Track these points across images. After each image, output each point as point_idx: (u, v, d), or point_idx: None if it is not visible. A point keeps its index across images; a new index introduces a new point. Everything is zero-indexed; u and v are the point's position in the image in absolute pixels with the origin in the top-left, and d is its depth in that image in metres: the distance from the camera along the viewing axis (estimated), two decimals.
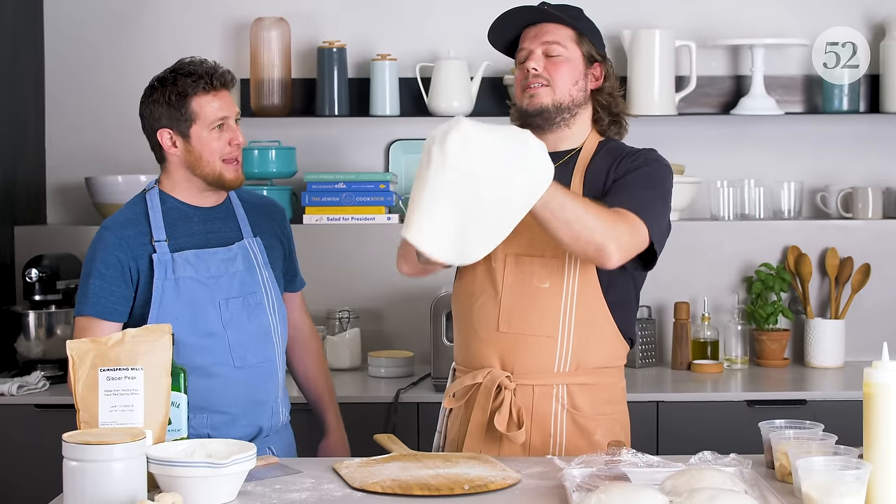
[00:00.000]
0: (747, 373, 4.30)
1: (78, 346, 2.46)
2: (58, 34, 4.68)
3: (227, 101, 3.04)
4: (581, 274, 2.83)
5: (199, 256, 3.01)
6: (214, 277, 3.01)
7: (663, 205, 2.81)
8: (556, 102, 2.87)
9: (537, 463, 2.67)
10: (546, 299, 2.83)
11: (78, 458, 2.22)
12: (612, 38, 4.56)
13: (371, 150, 4.68)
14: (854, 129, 4.64)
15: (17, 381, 3.94)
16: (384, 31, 4.66)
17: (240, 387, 3.00)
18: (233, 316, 3.01)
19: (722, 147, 4.66)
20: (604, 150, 2.92)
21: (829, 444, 2.46)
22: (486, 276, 2.89)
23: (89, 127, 4.69)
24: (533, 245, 2.84)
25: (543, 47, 2.88)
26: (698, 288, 4.48)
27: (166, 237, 3.00)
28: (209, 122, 3.00)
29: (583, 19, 2.95)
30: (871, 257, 4.47)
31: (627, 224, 2.67)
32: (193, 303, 2.98)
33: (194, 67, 3.02)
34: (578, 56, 2.89)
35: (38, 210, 4.66)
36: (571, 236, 2.60)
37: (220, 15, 4.67)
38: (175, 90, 2.99)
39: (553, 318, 2.83)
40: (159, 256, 2.98)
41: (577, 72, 2.89)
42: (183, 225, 3.04)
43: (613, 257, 2.64)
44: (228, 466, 2.30)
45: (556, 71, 2.86)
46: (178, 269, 2.98)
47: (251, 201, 3.19)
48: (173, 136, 3.02)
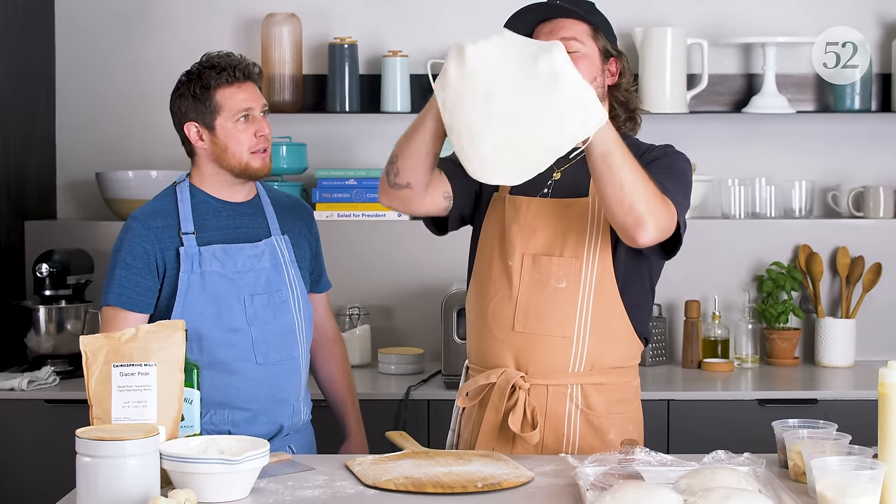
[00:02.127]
0: (758, 371, 4.30)
1: (91, 341, 2.45)
2: (68, 30, 4.68)
3: (252, 93, 3.04)
4: (598, 274, 2.82)
5: (227, 251, 3.01)
6: (241, 273, 3.01)
7: (685, 195, 2.79)
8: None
9: (550, 461, 2.66)
10: (563, 299, 2.82)
11: (91, 454, 2.22)
12: (623, 36, 4.55)
13: (382, 146, 4.62)
14: (866, 128, 4.63)
15: (28, 376, 3.95)
16: (395, 28, 4.66)
17: (261, 384, 3.00)
18: (257, 312, 3.01)
19: (733, 145, 4.66)
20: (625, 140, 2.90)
21: (843, 444, 2.45)
22: (503, 276, 2.88)
23: (99, 122, 4.69)
24: (551, 245, 2.83)
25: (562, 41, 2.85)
26: (709, 286, 4.47)
27: (194, 230, 3.01)
28: (233, 113, 3.00)
29: (596, 13, 2.92)
30: (883, 256, 4.46)
31: (667, 206, 2.64)
32: (218, 297, 2.98)
33: (218, 60, 3.04)
34: (595, 52, 2.86)
35: (48, 205, 4.66)
36: (619, 197, 2.56)
37: (231, 11, 4.67)
38: (199, 83, 3.01)
39: (569, 318, 2.82)
40: (186, 249, 2.98)
41: (595, 68, 2.86)
42: (212, 219, 3.04)
43: (649, 234, 2.60)
44: (241, 463, 2.29)
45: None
46: (204, 263, 2.98)
47: (280, 200, 3.20)
48: (199, 129, 3.03)
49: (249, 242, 3.05)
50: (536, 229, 2.84)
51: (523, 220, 2.85)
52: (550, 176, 2.88)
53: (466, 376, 3.02)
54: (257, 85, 3.08)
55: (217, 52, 3.08)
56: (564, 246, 2.82)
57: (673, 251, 2.78)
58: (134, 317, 2.98)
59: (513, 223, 2.86)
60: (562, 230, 2.83)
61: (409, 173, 2.77)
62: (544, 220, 2.83)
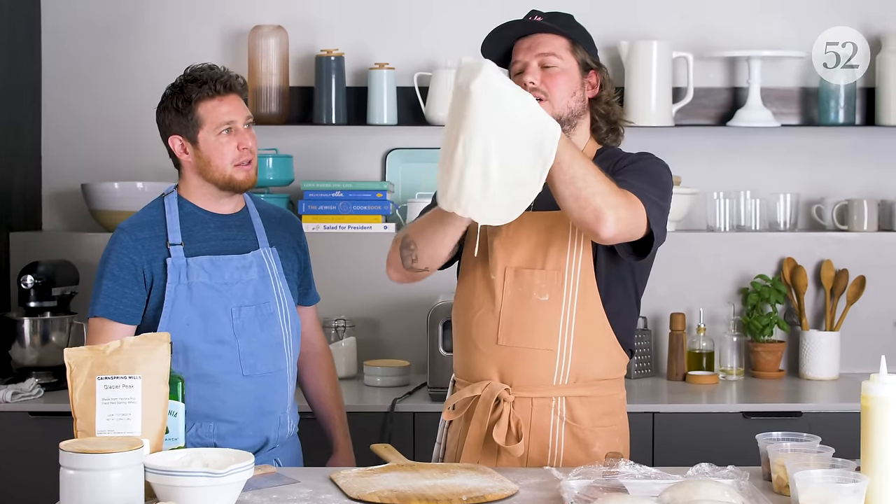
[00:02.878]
0: (742, 384, 4.31)
1: (76, 353, 2.45)
2: (55, 40, 4.68)
3: (235, 106, 3.04)
4: (581, 286, 2.82)
5: (214, 262, 3.02)
6: (228, 284, 3.02)
7: (662, 196, 2.77)
8: (555, 115, 2.80)
9: (535, 474, 2.66)
10: (545, 312, 2.83)
11: (75, 467, 2.22)
12: (609, 49, 4.57)
13: (368, 158, 4.68)
14: (850, 142, 4.65)
15: (12, 388, 3.93)
16: (382, 40, 4.66)
17: (248, 396, 3.00)
18: (245, 324, 3.01)
19: (718, 158, 4.67)
20: (602, 156, 2.91)
21: (826, 457, 2.46)
22: (486, 289, 2.88)
23: (86, 133, 4.68)
24: (533, 258, 2.84)
25: (539, 59, 2.85)
26: (694, 299, 4.48)
27: (182, 241, 3.01)
28: (215, 126, 3.01)
29: (574, 26, 2.92)
30: (867, 269, 4.48)
31: (629, 200, 2.64)
32: (205, 309, 2.98)
33: (200, 73, 3.04)
34: (574, 66, 2.87)
35: (33, 216, 4.65)
36: (574, 193, 2.57)
37: (218, 23, 4.67)
38: (182, 96, 3.02)
39: (552, 331, 2.82)
40: (174, 260, 2.99)
41: (575, 82, 2.86)
42: (199, 230, 3.05)
43: (610, 227, 2.59)
44: (226, 476, 2.29)
45: (553, 83, 2.83)
46: (191, 274, 2.99)
47: (269, 212, 3.21)
48: (183, 142, 3.04)
49: (238, 254, 3.06)
50: (518, 242, 2.84)
51: (505, 233, 2.85)
52: None
53: (453, 389, 3.02)
54: (241, 97, 3.08)
55: (200, 64, 3.08)
56: (546, 259, 2.83)
57: (646, 251, 2.77)
58: (121, 328, 2.98)
59: (495, 237, 2.87)
60: (543, 243, 2.83)
61: (429, 261, 2.84)
62: (526, 234, 2.84)
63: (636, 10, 4.65)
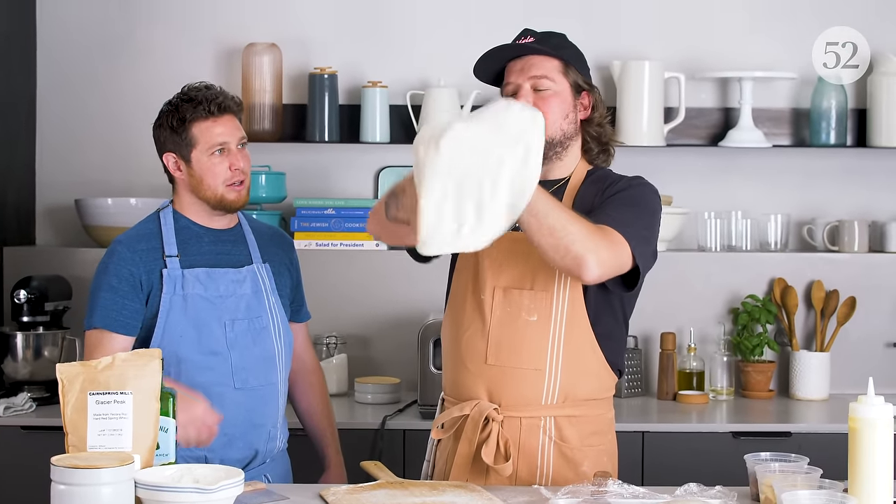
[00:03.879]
0: (732, 404, 4.31)
1: (68, 369, 2.45)
2: (50, 57, 4.69)
3: (229, 126, 3.06)
4: (569, 307, 2.83)
5: (210, 275, 3.04)
6: (223, 297, 3.03)
7: (647, 225, 2.78)
8: (548, 138, 2.81)
9: (524, 492, 2.67)
10: (534, 332, 2.83)
11: (66, 482, 2.22)
12: (601, 69, 4.59)
13: (360, 176, 4.70)
14: (841, 163, 4.67)
15: (4, 403, 3.94)
16: (375, 59, 4.68)
17: (239, 408, 3.01)
18: (238, 337, 3.03)
19: (709, 178, 4.69)
20: (592, 177, 2.92)
21: (814, 478, 2.47)
22: (475, 309, 2.89)
23: (80, 149, 4.69)
24: (521, 278, 2.85)
25: (531, 81, 2.84)
26: (684, 318, 4.49)
27: (178, 253, 3.03)
28: (208, 147, 3.03)
29: (567, 46, 2.92)
30: (857, 290, 4.49)
31: (608, 239, 2.64)
32: (199, 320, 3.00)
33: (196, 93, 3.06)
34: (567, 88, 2.87)
35: (27, 231, 4.66)
36: (553, 243, 2.56)
37: (211, 40, 4.68)
38: (177, 115, 3.04)
39: (541, 351, 2.82)
40: (170, 271, 3.01)
41: (567, 104, 2.87)
42: (194, 244, 3.07)
43: (592, 270, 2.59)
44: (216, 492, 2.29)
45: (545, 106, 2.82)
46: (187, 286, 3.01)
47: (261, 230, 3.23)
48: (177, 160, 3.07)
49: (232, 268, 3.07)
50: (507, 263, 2.85)
51: (495, 253, 2.85)
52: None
53: (442, 408, 3.03)
54: (236, 117, 3.10)
55: (197, 83, 3.10)
56: (535, 279, 2.83)
57: (633, 284, 2.78)
58: (120, 339, 2.99)
59: (485, 257, 2.87)
60: (532, 263, 2.83)
61: (413, 213, 2.77)
62: (515, 254, 2.84)
63: (628, 30, 4.67)
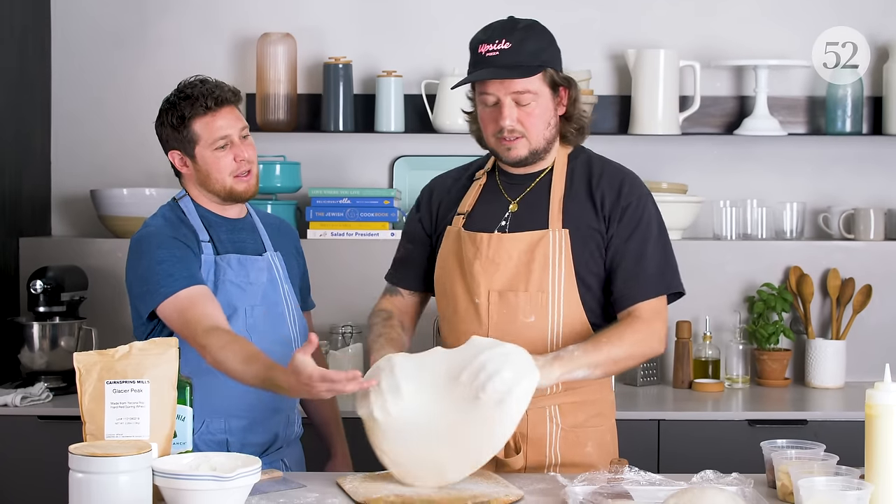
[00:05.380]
0: (748, 392, 4.31)
1: (85, 358, 2.46)
2: (65, 47, 4.70)
3: (229, 119, 3.05)
4: (566, 305, 2.81)
5: (241, 262, 3.05)
6: (252, 284, 3.05)
7: (668, 254, 2.90)
8: (533, 150, 2.82)
9: (539, 480, 2.67)
10: (533, 333, 2.81)
11: (84, 470, 2.23)
12: (616, 58, 4.59)
13: (376, 165, 4.70)
14: (857, 151, 4.65)
15: (21, 393, 3.95)
16: (390, 48, 4.68)
17: (260, 393, 3.00)
18: (257, 323, 3.04)
19: (725, 167, 4.68)
20: (578, 161, 2.90)
21: (830, 465, 2.47)
22: (471, 313, 2.86)
23: (95, 139, 4.70)
24: (515, 280, 2.82)
25: (513, 96, 2.77)
26: (700, 307, 4.48)
27: (210, 239, 3.03)
28: (211, 142, 3.03)
29: (544, 48, 2.80)
30: (873, 278, 4.48)
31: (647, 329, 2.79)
32: (229, 305, 3.00)
33: (191, 90, 3.04)
34: (547, 94, 2.81)
35: (42, 222, 4.67)
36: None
37: (226, 30, 4.69)
38: (176, 114, 3.03)
39: (541, 350, 2.78)
40: (205, 257, 3.01)
41: (549, 112, 2.82)
42: (214, 231, 3.08)
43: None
44: (233, 480, 2.30)
45: (529, 121, 2.78)
46: (219, 272, 3.01)
47: (268, 220, 3.25)
48: (182, 157, 3.07)
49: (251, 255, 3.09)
50: (499, 265, 2.82)
51: (485, 256, 2.83)
52: (507, 208, 2.89)
53: None
54: (236, 107, 3.08)
55: (191, 79, 3.07)
56: (529, 280, 2.81)
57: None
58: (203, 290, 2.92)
59: (475, 260, 2.84)
60: (525, 264, 2.81)
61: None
62: (506, 256, 2.82)
63: (643, 18, 4.66)
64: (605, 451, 2.91)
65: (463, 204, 2.93)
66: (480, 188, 2.94)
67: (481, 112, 2.85)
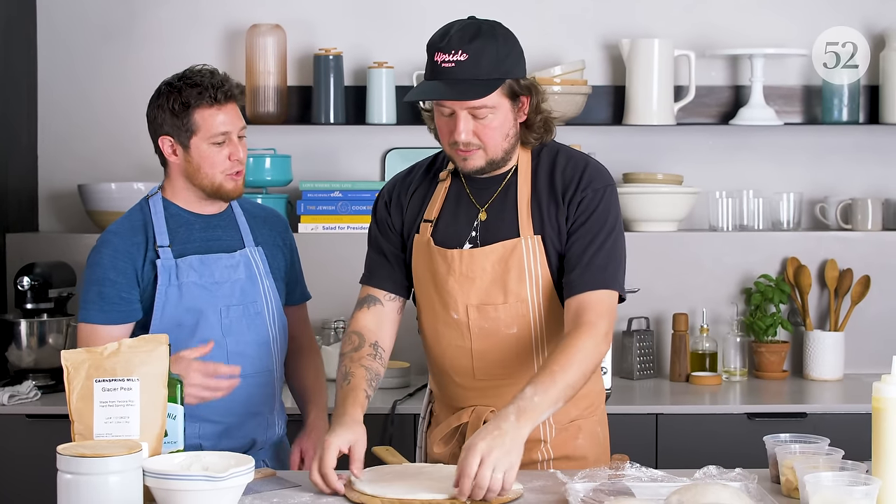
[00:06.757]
0: (746, 385, 4.27)
1: (73, 356, 2.42)
2: (51, 40, 4.64)
3: (232, 115, 2.99)
4: (546, 312, 2.75)
5: (203, 262, 2.99)
6: (218, 283, 2.99)
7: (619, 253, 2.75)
8: (490, 160, 2.71)
9: (539, 477, 2.63)
10: (517, 343, 2.76)
11: (73, 471, 2.19)
12: (610, 47, 4.55)
13: (367, 158, 4.65)
14: (854, 140, 4.62)
15: (8, 391, 3.91)
16: (381, 39, 4.63)
17: (235, 396, 2.95)
18: (233, 324, 2.99)
19: (721, 157, 4.64)
20: (543, 153, 2.81)
21: (835, 459, 2.43)
22: (451, 327, 2.79)
23: (82, 134, 4.65)
24: (492, 293, 2.75)
25: (469, 111, 2.65)
26: (697, 299, 4.45)
27: (169, 243, 2.98)
28: (210, 135, 2.97)
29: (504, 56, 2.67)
30: (871, 269, 4.45)
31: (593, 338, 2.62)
32: (195, 308, 2.95)
33: (201, 78, 2.97)
34: (506, 105, 2.69)
35: (30, 217, 4.62)
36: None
37: (215, 22, 4.64)
38: (179, 99, 2.96)
39: (527, 359, 2.76)
40: (163, 262, 2.96)
41: (508, 123, 2.71)
42: (184, 231, 3.02)
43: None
44: (226, 480, 2.26)
45: (486, 135, 2.68)
46: (181, 275, 2.96)
47: (253, 211, 3.17)
48: (174, 144, 3.00)
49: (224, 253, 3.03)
50: (474, 280, 2.75)
51: (458, 272, 2.75)
52: (476, 216, 2.80)
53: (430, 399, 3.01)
54: (239, 106, 3.03)
55: (200, 67, 3.02)
56: (507, 292, 2.74)
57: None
58: (115, 329, 2.95)
59: (448, 276, 2.77)
60: (500, 276, 2.74)
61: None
62: (480, 270, 2.74)
63: (637, 7, 4.62)
64: (597, 441, 2.88)
65: (430, 210, 2.83)
66: (446, 191, 2.84)
67: (437, 120, 2.74)
